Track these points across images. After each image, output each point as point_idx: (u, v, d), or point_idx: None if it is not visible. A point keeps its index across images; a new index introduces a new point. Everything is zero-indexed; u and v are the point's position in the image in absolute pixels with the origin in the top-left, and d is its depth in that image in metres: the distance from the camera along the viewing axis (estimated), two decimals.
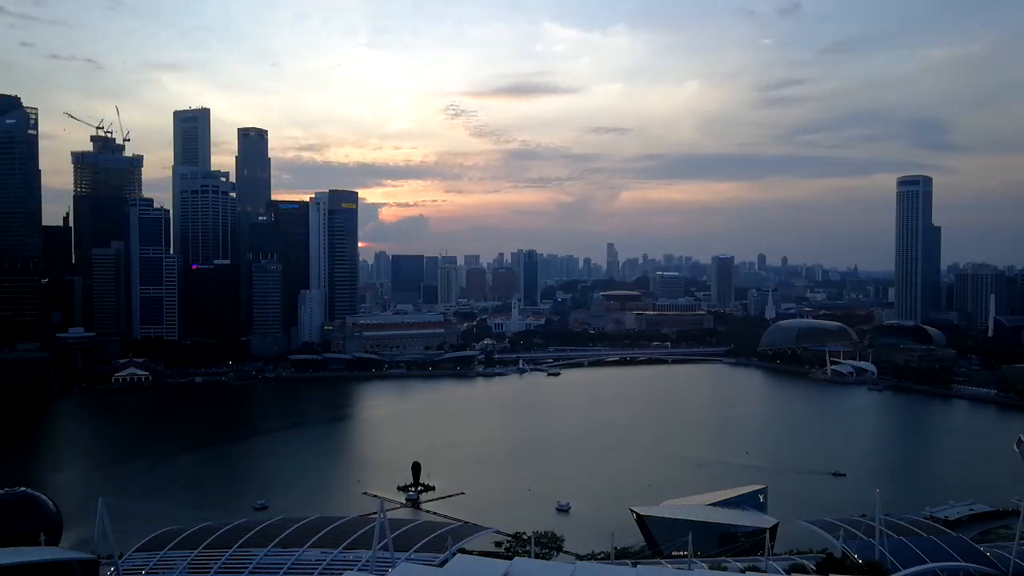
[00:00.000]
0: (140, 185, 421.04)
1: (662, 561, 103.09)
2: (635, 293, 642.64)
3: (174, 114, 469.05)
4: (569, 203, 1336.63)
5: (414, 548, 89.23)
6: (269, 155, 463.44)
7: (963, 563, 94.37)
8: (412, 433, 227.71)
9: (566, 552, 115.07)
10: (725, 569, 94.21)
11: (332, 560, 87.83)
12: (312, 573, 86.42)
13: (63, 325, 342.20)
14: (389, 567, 77.17)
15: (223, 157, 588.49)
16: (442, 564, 72.68)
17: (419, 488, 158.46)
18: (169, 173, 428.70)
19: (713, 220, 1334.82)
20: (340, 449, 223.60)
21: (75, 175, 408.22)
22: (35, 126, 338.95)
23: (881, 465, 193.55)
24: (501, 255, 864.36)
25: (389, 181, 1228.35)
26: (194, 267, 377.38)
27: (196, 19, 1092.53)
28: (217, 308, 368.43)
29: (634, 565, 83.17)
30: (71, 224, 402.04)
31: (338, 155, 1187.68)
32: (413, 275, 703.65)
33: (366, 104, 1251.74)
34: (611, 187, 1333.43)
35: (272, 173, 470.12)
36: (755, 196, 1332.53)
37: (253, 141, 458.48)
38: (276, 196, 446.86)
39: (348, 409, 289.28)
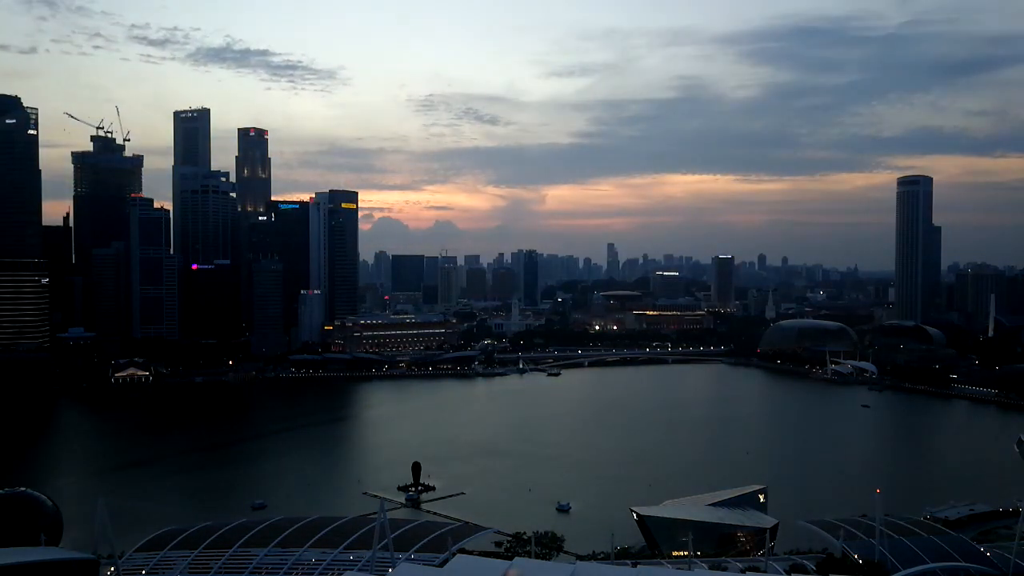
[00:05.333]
0: (140, 185, 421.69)
1: (662, 561, 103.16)
2: (635, 293, 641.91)
3: (174, 114, 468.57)
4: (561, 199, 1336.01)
5: (414, 548, 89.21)
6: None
7: (963, 563, 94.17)
8: (412, 433, 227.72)
9: (566, 552, 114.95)
10: (725, 569, 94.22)
11: (332, 560, 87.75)
12: (312, 573, 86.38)
13: (63, 325, 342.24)
14: (389, 567, 77.21)
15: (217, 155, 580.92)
16: (442, 564, 72.55)
17: (419, 488, 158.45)
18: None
19: (714, 219, 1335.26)
20: (340, 449, 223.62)
21: (75, 175, 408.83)
22: (35, 126, 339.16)
23: (881, 465, 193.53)
24: (501, 255, 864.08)
25: (375, 178, 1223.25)
26: (194, 267, 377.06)
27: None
28: (217, 308, 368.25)
29: (634, 565, 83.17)
30: (71, 224, 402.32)
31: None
32: (413, 275, 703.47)
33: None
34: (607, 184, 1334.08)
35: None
36: (756, 195, 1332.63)
37: (253, 141, 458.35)
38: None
39: (348, 409, 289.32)
